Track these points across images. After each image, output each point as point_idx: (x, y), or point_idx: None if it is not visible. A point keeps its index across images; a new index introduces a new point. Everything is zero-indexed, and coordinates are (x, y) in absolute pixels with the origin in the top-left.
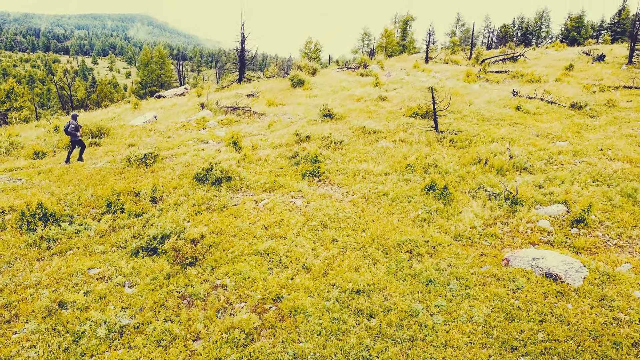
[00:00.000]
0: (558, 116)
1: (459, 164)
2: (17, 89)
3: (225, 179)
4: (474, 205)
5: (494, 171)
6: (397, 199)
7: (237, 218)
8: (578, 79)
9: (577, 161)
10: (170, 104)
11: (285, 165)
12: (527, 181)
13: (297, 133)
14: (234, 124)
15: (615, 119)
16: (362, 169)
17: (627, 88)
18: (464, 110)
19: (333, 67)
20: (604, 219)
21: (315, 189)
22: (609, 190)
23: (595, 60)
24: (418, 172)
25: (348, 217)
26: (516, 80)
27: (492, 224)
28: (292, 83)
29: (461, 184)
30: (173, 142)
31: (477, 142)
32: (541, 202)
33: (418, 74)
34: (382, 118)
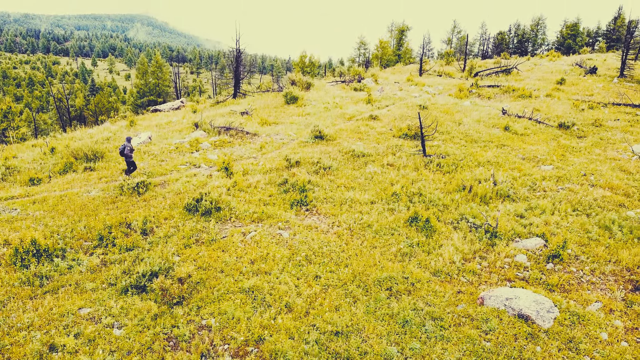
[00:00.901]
0: (545, 137)
1: (445, 190)
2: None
3: (214, 210)
4: (454, 238)
5: (478, 199)
6: (381, 231)
7: (224, 252)
8: (569, 94)
9: (560, 188)
10: (165, 120)
11: (275, 193)
12: (509, 210)
13: (287, 158)
14: (227, 145)
15: (601, 140)
16: (349, 197)
17: (616, 105)
18: (453, 130)
19: (328, 79)
20: (580, 253)
21: (302, 219)
22: (588, 221)
23: (587, 73)
24: (403, 200)
25: (332, 251)
26: (508, 95)
27: (471, 259)
28: (286, 100)
29: (445, 213)
30: (166, 167)
31: (464, 166)
32: (521, 234)
33: (411, 88)
34: (372, 140)
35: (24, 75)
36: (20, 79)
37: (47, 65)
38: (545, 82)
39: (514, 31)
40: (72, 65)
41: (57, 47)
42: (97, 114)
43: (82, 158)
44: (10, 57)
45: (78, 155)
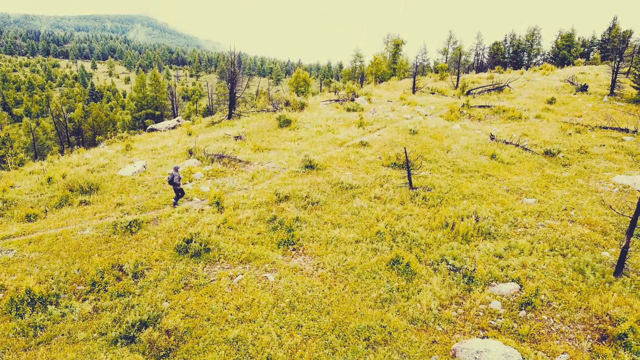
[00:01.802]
0: (531, 166)
1: (428, 227)
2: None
3: (204, 251)
4: (434, 282)
5: (460, 237)
6: (363, 274)
7: (212, 297)
8: (558, 114)
9: (540, 224)
10: (160, 145)
11: (263, 230)
12: (489, 249)
13: (277, 192)
14: (220, 175)
15: (585, 169)
16: (335, 236)
17: (603, 128)
18: (441, 159)
19: (324, 95)
20: (553, 299)
21: (288, 260)
22: (563, 263)
23: (578, 91)
24: (387, 240)
25: (315, 297)
26: (498, 116)
27: (448, 305)
28: (279, 123)
29: (427, 252)
30: (159, 200)
31: (449, 199)
32: (497, 277)
33: (403, 108)
34: (361, 169)
35: (23, 79)
36: (20, 83)
37: (47, 69)
38: (536, 100)
39: (510, 41)
40: (72, 68)
41: (57, 49)
42: (94, 128)
43: (78, 190)
44: (10, 60)
45: (74, 188)
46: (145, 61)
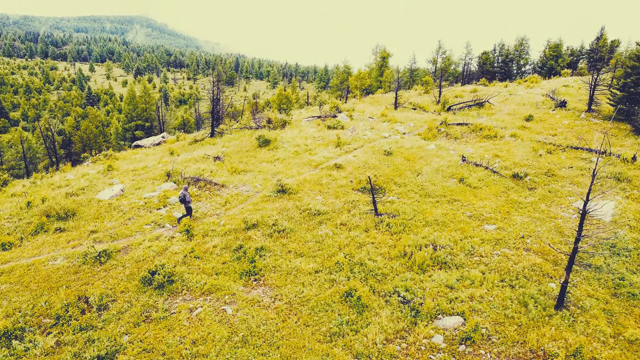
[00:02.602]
0: (497, 190)
1: (388, 256)
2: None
3: (167, 282)
4: (383, 316)
5: (416, 267)
6: (317, 307)
7: (170, 331)
8: (534, 132)
9: (496, 253)
10: (142, 165)
11: (228, 260)
12: (442, 280)
13: (245, 220)
14: (194, 199)
15: (550, 193)
16: (296, 266)
17: (574, 149)
18: (411, 182)
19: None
20: (493, 333)
21: (248, 292)
22: (510, 294)
23: (557, 107)
24: (345, 270)
25: (268, 331)
26: (474, 135)
27: (393, 339)
28: (259, 143)
29: (382, 283)
30: (131, 227)
31: (412, 226)
32: (445, 310)
33: (383, 125)
34: (332, 194)
35: (21, 82)
36: (17, 86)
37: (44, 71)
38: (514, 117)
39: (499, 51)
40: (70, 70)
41: (56, 51)
42: (84, 140)
43: (54, 216)
44: (9, 62)
45: (51, 213)
46: (143, 64)
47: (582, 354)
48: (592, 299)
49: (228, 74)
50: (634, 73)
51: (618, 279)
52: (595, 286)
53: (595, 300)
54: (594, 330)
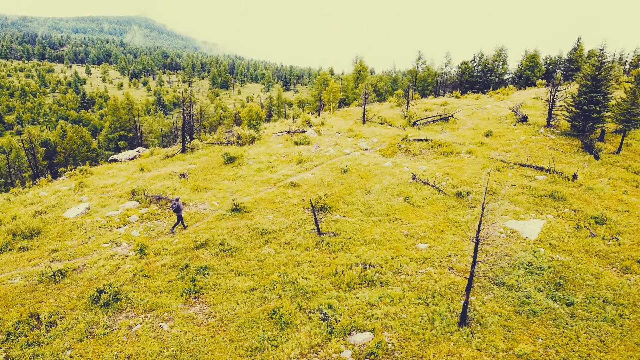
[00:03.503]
0: (438, 209)
1: (321, 275)
2: None
3: (113, 301)
4: (302, 332)
5: (345, 285)
6: (245, 324)
7: (109, 347)
8: (490, 148)
9: (422, 271)
10: (111, 182)
11: (174, 278)
12: (366, 297)
13: (195, 239)
14: (154, 218)
15: (487, 211)
16: (233, 284)
17: (522, 166)
18: (358, 201)
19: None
20: (398, 348)
21: (186, 309)
22: (423, 311)
23: (518, 122)
24: (278, 288)
25: (196, 346)
26: (433, 151)
27: (306, 354)
28: (224, 160)
29: (310, 300)
30: (90, 246)
31: (350, 245)
32: (360, 326)
33: (347, 142)
34: (283, 212)
35: (17, 85)
36: (13, 89)
37: (40, 74)
38: (475, 132)
39: (478, 60)
40: (67, 73)
41: (53, 53)
42: (67, 151)
43: (20, 235)
44: (5, 65)
45: (17, 232)
46: (138, 67)
47: None
48: (495, 316)
49: (223, 77)
50: (587, 91)
51: (524, 297)
52: (502, 303)
53: (498, 317)
54: (488, 345)
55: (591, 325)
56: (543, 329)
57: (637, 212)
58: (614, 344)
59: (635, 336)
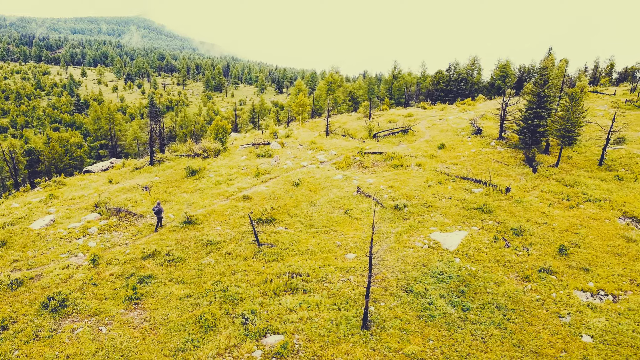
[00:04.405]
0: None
1: (253, 283)
2: None
3: (60, 307)
4: (223, 334)
5: (271, 292)
6: (174, 327)
7: (51, 347)
8: (439, 161)
9: (343, 280)
10: (79, 194)
11: (119, 286)
12: (288, 303)
13: (144, 250)
14: (112, 229)
15: (419, 223)
16: (171, 292)
17: (463, 179)
18: (302, 213)
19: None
20: (303, 348)
21: (126, 314)
22: (334, 316)
23: (473, 134)
24: (210, 296)
25: (127, 347)
26: (385, 164)
27: (223, 354)
28: (187, 173)
29: (238, 306)
30: (49, 256)
31: (285, 255)
32: (274, 330)
33: (307, 154)
34: (231, 224)
35: (13, 87)
36: (9, 91)
37: (36, 77)
38: (431, 145)
39: (453, 69)
40: (62, 75)
41: (49, 55)
42: (49, 159)
43: None
44: (2, 67)
45: None
46: (134, 69)
47: None
48: (396, 320)
49: (217, 80)
50: (532, 107)
51: (427, 303)
52: (406, 309)
53: (399, 321)
54: (382, 346)
55: (479, 328)
56: (436, 331)
57: (554, 224)
58: (494, 345)
59: (514, 338)
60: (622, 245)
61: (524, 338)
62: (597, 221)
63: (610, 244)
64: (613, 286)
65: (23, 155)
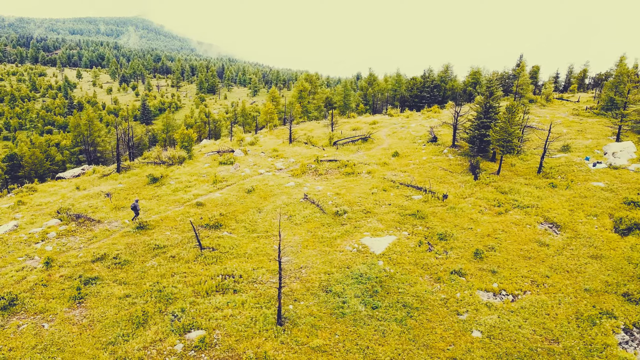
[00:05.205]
0: (313, 226)
1: (189, 284)
2: None
3: (9, 305)
4: (152, 330)
5: (204, 292)
6: (110, 324)
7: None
8: (390, 168)
9: (272, 280)
10: (46, 200)
11: (67, 287)
12: (217, 302)
13: (95, 253)
14: (70, 234)
15: (355, 228)
16: (113, 292)
17: (406, 186)
18: (248, 219)
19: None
20: (220, 342)
21: (69, 312)
22: (254, 313)
23: (429, 142)
24: (147, 295)
25: (64, 341)
26: (338, 171)
27: (148, 346)
28: (149, 180)
29: (171, 305)
30: (7, 259)
31: (224, 258)
32: (198, 325)
33: (267, 162)
34: (180, 230)
35: (9, 89)
36: (4, 94)
37: (31, 78)
38: (386, 152)
39: (427, 75)
40: (58, 77)
41: (46, 57)
42: (30, 165)
43: None
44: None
45: None
46: (129, 71)
47: (268, 355)
48: (310, 317)
49: (210, 82)
50: (478, 117)
51: (342, 302)
52: (322, 307)
53: (312, 318)
54: (291, 340)
55: (382, 324)
56: (344, 327)
57: (479, 230)
58: (392, 339)
59: (411, 333)
60: (535, 249)
61: (419, 333)
62: (519, 227)
63: (524, 247)
64: (515, 287)
65: (4, 160)
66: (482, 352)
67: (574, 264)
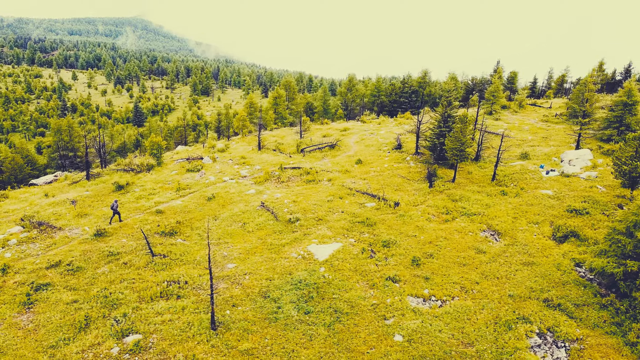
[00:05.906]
0: (264, 234)
1: (137, 290)
2: None
3: None
4: (92, 334)
5: (148, 298)
6: (53, 328)
7: None
8: (351, 176)
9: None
10: (13, 207)
11: (18, 293)
12: (159, 308)
13: (50, 260)
14: (30, 241)
15: (305, 236)
16: (61, 298)
17: (362, 193)
18: (203, 227)
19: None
20: (155, 345)
21: (18, 317)
22: (192, 318)
23: (394, 149)
24: (93, 301)
25: (9, 345)
26: (300, 179)
27: (87, 349)
28: (115, 187)
29: (116, 310)
30: None
31: (173, 265)
32: (136, 330)
33: (233, 169)
34: (136, 237)
35: (4, 91)
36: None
37: (27, 80)
38: (351, 160)
39: (406, 81)
40: (54, 78)
41: (42, 58)
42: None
43: None
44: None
45: None
46: (124, 72)
47: (197, 359)
48: (244, 322)
49: (204, 84)
50: (438, 126)
51: (277, 307)
52: (257, 312)
53: (246, 322)
54: (222, 343)
55: (311, 328)
56: (274, 331)
57: (422, 237)
58: (317, 343)
59: (336, 337)
60: (471, 256)
61: (344, 337)
62: (462, 234)
63: (461, 255)
64: (444, 292)
65: None
66: (399, 355)
67: (505, 271)
